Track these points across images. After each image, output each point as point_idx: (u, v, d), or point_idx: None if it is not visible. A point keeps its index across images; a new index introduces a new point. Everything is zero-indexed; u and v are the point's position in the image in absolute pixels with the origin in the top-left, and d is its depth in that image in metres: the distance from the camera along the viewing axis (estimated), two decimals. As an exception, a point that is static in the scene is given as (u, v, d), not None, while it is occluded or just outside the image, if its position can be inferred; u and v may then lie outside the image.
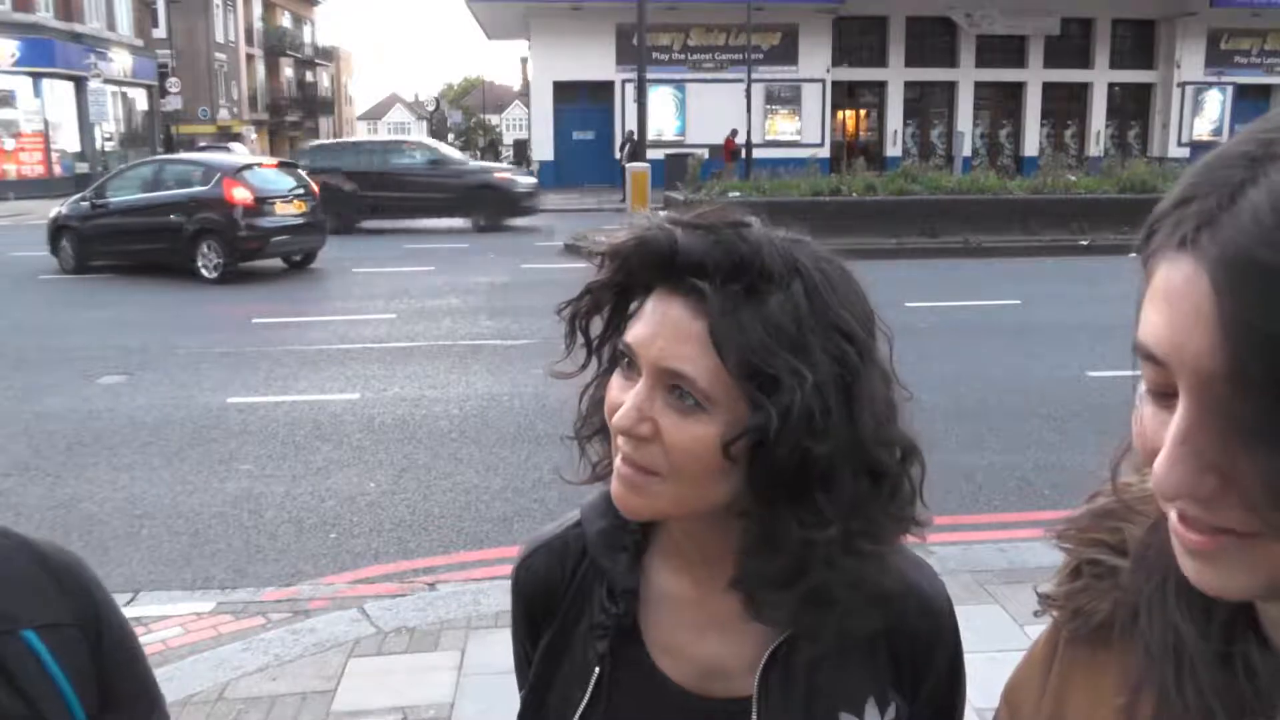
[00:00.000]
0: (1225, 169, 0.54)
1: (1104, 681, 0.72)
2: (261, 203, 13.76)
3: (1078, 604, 0.75)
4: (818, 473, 0.86)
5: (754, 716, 0.96)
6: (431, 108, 79.19)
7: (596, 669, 0.99)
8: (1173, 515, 0.59)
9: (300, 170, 15.88)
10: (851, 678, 0.97)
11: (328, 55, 69.78)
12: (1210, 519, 0.56)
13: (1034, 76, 31.67)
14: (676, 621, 1.00)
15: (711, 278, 0.85)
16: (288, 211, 14.20)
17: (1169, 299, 0.55)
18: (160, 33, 40.83)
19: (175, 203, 13.80)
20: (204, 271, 13.60)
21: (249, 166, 14.58)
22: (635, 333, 0.89)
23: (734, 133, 27.23)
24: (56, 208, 15.34)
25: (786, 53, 29.97)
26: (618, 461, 0.91)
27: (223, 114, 48.27)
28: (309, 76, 64.46)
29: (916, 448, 0.94)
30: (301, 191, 14.66)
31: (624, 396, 0.89)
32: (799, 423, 0.84)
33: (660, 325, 0.87)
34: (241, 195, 13.57)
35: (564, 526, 1.07)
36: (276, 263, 14.84)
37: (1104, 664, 0.73)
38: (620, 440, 0.89)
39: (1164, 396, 0.57)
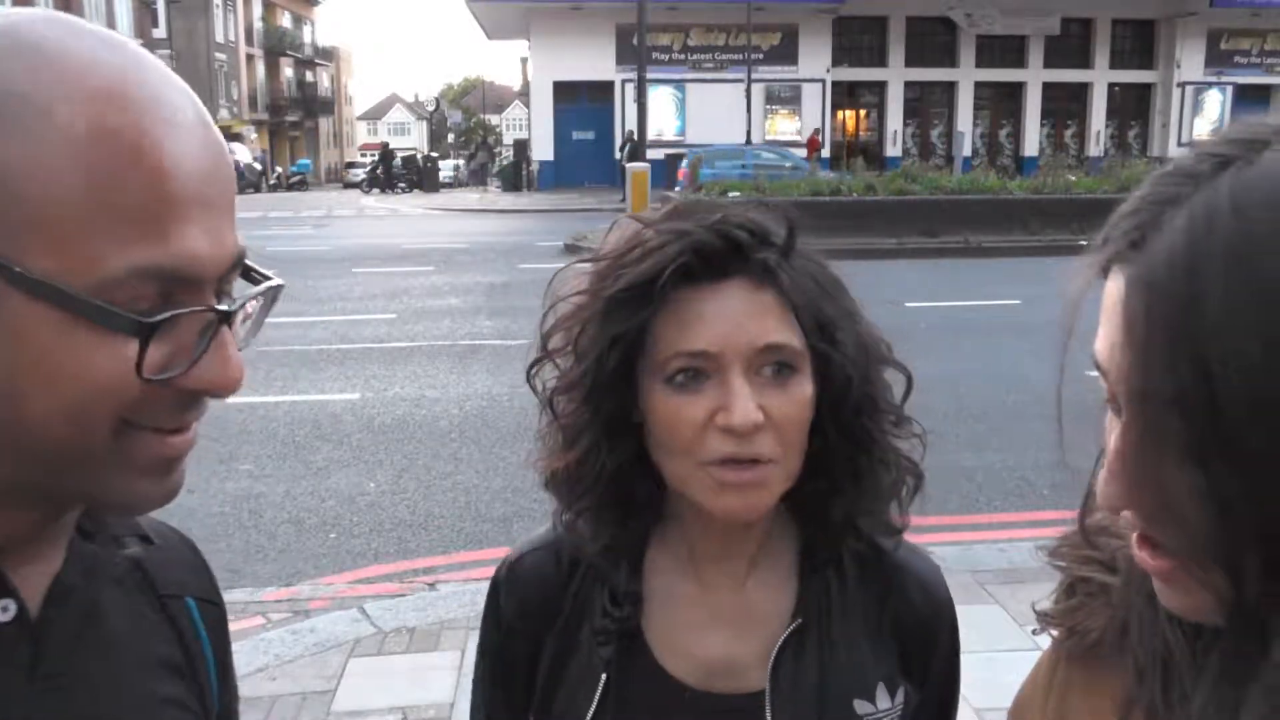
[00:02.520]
0: (1166, 185, 0.54)
1: (1102, 700, 0.71)
2: None
3: (1073, 622, 0.75)
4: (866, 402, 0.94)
5: (767, 711, 0.96)
6: (431, 108, 79.30)
7: (604, 675, 0.97)
8: (1134, 535, 0.59)
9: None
10: (861, 665, 0.98)
11: (328, 55, 69.77)
12: (1156, 537, 0.57)
13: (1034, 76, 31.69)
14: (681, 620, 1.00)
15: (761, 250, 0.90)
16: None
17: (1108, 313, 0.56)
18: (160, 33, 40.84)
19: None
20: None
21: None
22: (707, 338, 0.87)
23: (817, 131, 28.49)
24: None
25: (786, 53, 29.98)
26: (723, 474, 0.88)
27: (223, 114, 48.29)
28: (309, 76, 64.46)
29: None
30: None
31: (700, 407, 0.88)
32: (856, 359, 0.92)
33: (732, 314, 0.88)
34: None
35: (554, 531, 1.06)
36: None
37: (1101, 682, 0.72)
38: (726, 448, 0.87)
39: (1117, 408, 0.58)
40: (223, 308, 0.61)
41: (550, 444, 1.00)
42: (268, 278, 0.69)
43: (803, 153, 26.12)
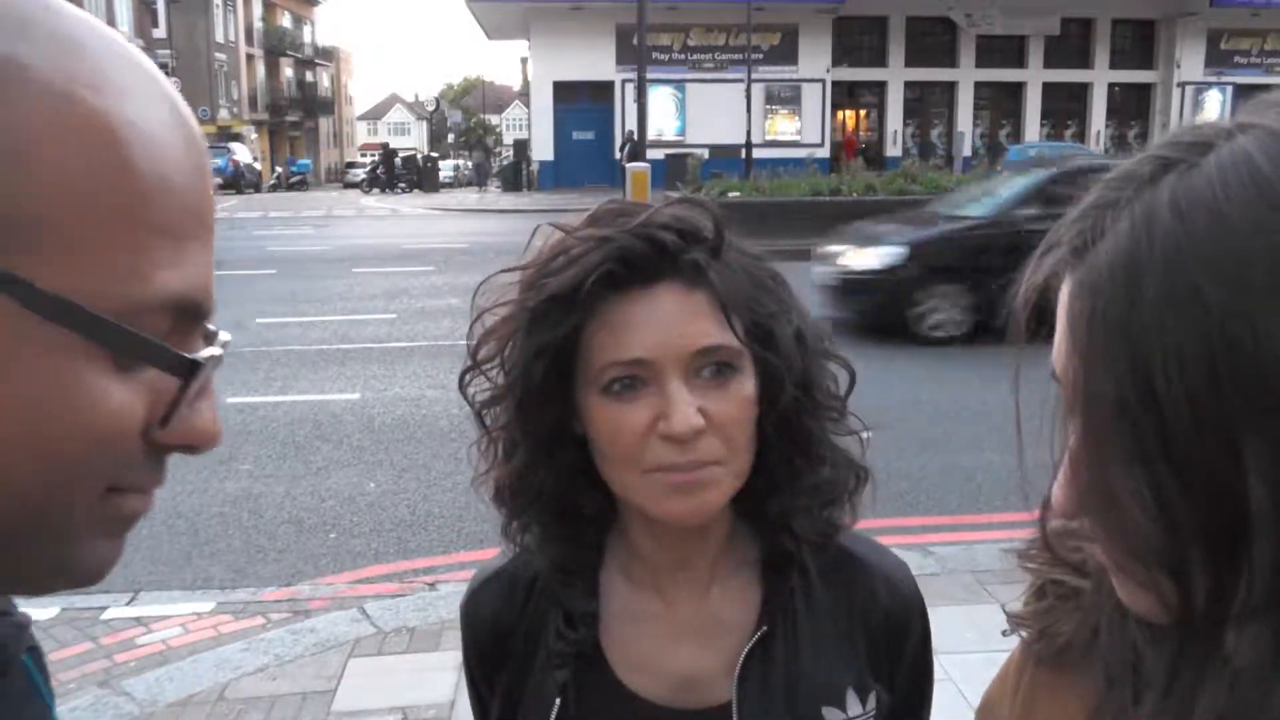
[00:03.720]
0: (1111, 190, 0.54)
1: (1068, 705, 0.71)
2: None
3: (1043, 624, 0.74)
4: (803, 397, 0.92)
5: None
6: (431, 108, 79.30)
7: (558, 699, 0.95)
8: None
9: None
10: (829, 670, 0.97)
11: (328, 55, 69.75)
12: (1106, 543, 0.57)
13: (1034, 76, 31.67)
14: (644, 637, 0.98)
15: (690, 250, 0.87)
16: None
17: (1060, 319, 0.56)
18: (160, 32, 40.87)
19: None
20: None
21: None
22: (640, 345, 0.85)
23: (853, 131, 29.51)
24: None
25: (786, 53, 29.97)
26: (668, 478, 0.87)
27: (223, 114, 48.28)
28: (309, 76, 64.45)
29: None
30: None
31: (639, 415, 0.86)
32: (794, 351, 0.90)
33: (665, 319, 0.86)
34: None
35: (511, 556, 1.04)
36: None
37: (1068, 686, 0.71)
38: (668, 455, 0.86)
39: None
40: (218, 352, 0.54)
41: (488, 457, 0.97)
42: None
43: (806, 152, 26.11)
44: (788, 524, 0.95)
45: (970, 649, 3.38)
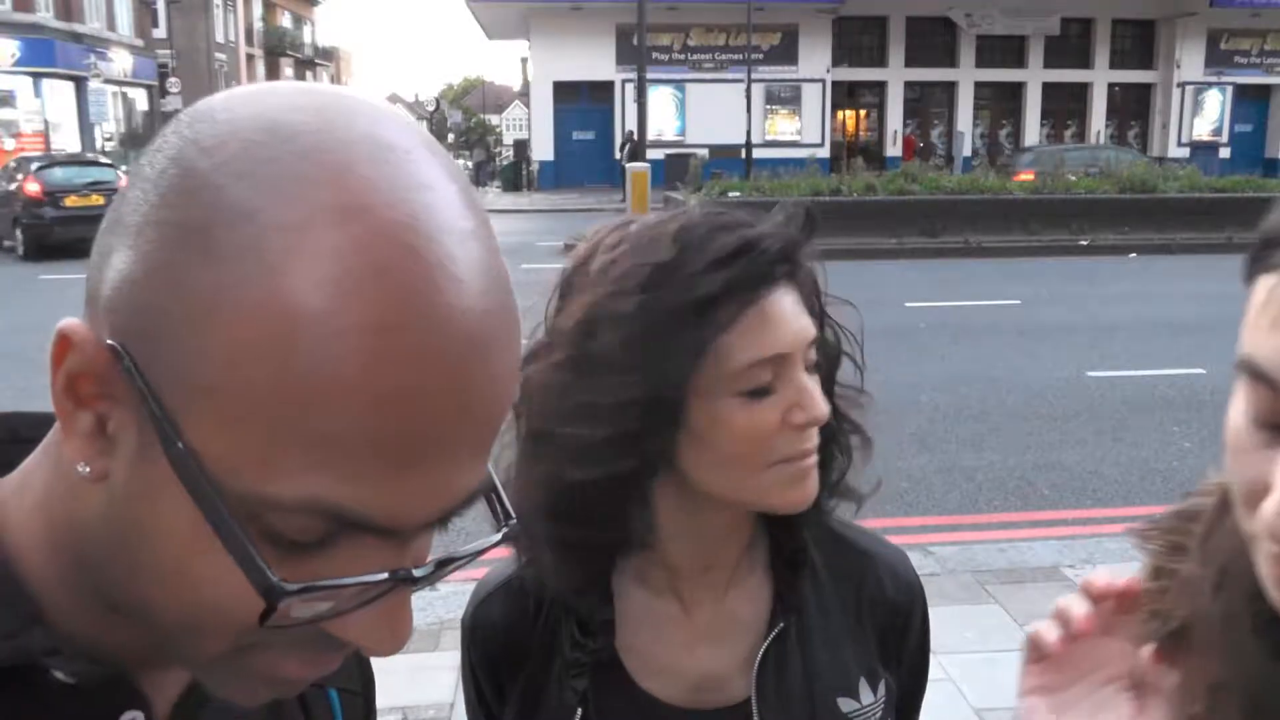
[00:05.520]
0: None
1: (1179, 687, 0.68)
2: (51, 195, 16.09)
3: (1156, 606, 0.70)
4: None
5: (755, 718, 0.95)
6: (431, 108, 79.32)
7: (579, 710, 0.95)
8: (1271, 547, 0.52)
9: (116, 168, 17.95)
10: (842, 661, 0.98)
11: (328, 55, 69.81)
12: None
13: (1034, 76, 31.68)
14: (660, 641, 0.98)
15: (797, 250, 0.94)
16: (81, 204, 16.19)
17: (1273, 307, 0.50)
18: (160, 33, 40.85)
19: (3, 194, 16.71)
20: (15, 250, 16.46)
21: (47, 165, 17.12)
22: (784, 341, 0.87)
23: (913, 133, 29.99)
24: None
25: (786, 53, 29.98)
26: (792, 469, 0.89)
27: (223, 114, 48.25)
28: (309, 76, 64.47)
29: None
30: (106, 186, 16.51)
31: (772, 412, 0.87)
32: (836, 336, 0.98)
33: (787, 316, 0.89)
34: (32, 188, 16.10)
35: (515, 565, 1.02)
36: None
37: (1180, 669, 0.69)
38: (793, 442, 0.88)
39: (1275, 429, 0.51)
40: (413, 573, 0.48)
41: (548, 461, 0.89)
42: (509, 515, 0.55)
43: (807, 152, 26.11)
44: (821, 501, 0.97)
45: (970, 649, 3.37)
